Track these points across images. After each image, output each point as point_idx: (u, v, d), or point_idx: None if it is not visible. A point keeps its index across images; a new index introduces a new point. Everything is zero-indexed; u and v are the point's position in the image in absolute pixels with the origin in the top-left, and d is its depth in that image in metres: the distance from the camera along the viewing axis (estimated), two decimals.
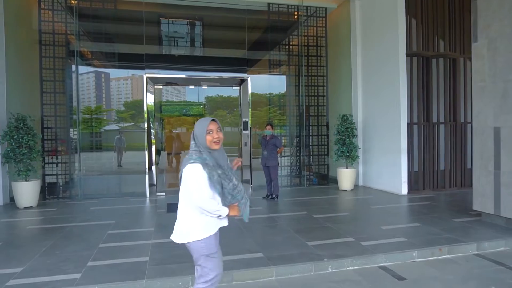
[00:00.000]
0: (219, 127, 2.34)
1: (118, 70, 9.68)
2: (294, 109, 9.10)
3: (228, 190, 2.29)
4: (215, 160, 2.28)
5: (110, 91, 10.19)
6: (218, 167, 2.26)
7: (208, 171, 2.20)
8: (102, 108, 11.29)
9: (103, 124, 10.06)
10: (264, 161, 7.19)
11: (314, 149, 9.20)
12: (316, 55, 9.08)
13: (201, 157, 2.23)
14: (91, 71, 9.34)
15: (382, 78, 7.83)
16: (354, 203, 6.79)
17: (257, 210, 6.18)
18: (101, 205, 6.81)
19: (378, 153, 8.11)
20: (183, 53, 9.31)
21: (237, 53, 9.33)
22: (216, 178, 2.22)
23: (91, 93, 9.79)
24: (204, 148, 2.27)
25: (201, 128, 2.29)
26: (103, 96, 10.41)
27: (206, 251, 2.29)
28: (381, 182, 8.00)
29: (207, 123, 2.30)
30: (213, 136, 2.28)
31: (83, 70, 8.73)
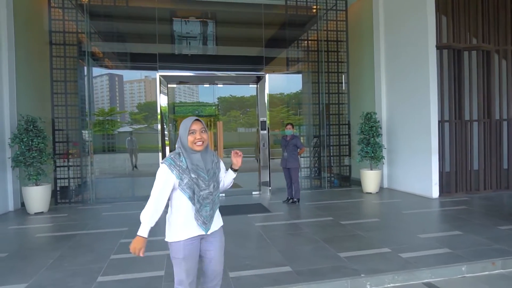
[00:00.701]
0: (203, 127, 2.21)
1: (130, 71, 9.38)
2: (313, 107, 8.64)
3: (198, 197, 2.16)
4: (194, 164, 2.17)
5: (123, 93, 9.92)
6: (193, 172, 2.15)
7: (178, 174, 2.13)
8: (115, 109, 11.06)
9: (117, 126, 9.80)
10: (284, 162, 6.77)
11: (334, 150, 8.73)
12: (336, 50, 8.62)
13: (173, 158, 2.16)
14: (104, 71, 9.06)
15: (409, 73, 7.31)
16: (382, 207, 6.31)
17: (278, 216, 5.76)
18: (113, 210, 6.50)
19: (405, 153, 7.59)
20: (197, 51, 8.97)
21: (253, 50, 8.95)
22: (186, 182, 2.13)
23: (104, 94, 9.54)
24: (186, 149, 2.18)
25: (184, 128, 2.19)
26: (116, 98, 10.17)
27: (173, 253, 2.23)
28: (409, 184, 7.48)
29: (190, 122, 2.18)
30: (195, 136, 2.16)
31: (95, 70, 8.45)
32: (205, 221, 2.19)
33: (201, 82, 8.19)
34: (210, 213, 2.22)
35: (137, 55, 8.65)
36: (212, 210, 2.24)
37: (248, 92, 8.88)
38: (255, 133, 8.65)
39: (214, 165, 2.28)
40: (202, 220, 2.18)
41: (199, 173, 2.17)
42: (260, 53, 8.43)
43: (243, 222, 5.38)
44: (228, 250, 4.08)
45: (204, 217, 2.18)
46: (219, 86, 8.15)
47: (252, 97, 8.83)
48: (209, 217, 2.21)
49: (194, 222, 2.18)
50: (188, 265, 2.21)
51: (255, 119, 9.01)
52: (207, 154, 2.26)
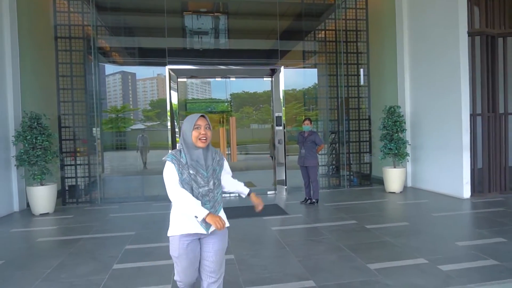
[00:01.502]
0: (207, 124, 2.19)
1: (139, 66, 9.01)
2: (331, 101, 8.13)
3: (197, 194, 2.14)
4: (194, 160, 2.16)
5: (135, 89, 9.63)
6: (192, 168, 2.14)
7: (178, 169, 2.12)
8: (128, 107, 10.79)
9: (128, 124, 9.54)
10: (301, 160, 6.32)
11: (354, 146, 8.22)
12: (355, 40, 8.08)
13: (174, 154, 2.16)
14: (112, 66, 8.74)
15: (437, 62, 6.75)
16: (409, 209, 5.80)
17: (296, 219, 5.32)
18: (121, 211, 6.16)
19: (431, 150, 7.04)
20: (209, 45, 8.55)
21: (267, 43, 8.51)
22: (185, 178, 2.12)
23: (111, 90, 9.23)
24: (188, 145, 2.17)
25: (189, 123, 2.17)
26: (129, 94, 9.91)
27: (171, 251, 2.22)
28: (436, 183, 6.93)
29: (196, 118, 2.17)
30: (199, 132, 2.15)
31: (103, 64, 8.12)
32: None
33: (213, 76, 7.77)
34: (211, 211, 2.13)
35: (146, 48, 8.29)
36: (214, 208, 2.18)
37: (261, 87, 8.43)
38: (269, 130, 8.21)
39: (215, 162, 2.25)
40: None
41: (198, 169, 2.15)
42: (274, 46, 7.97)
43: (258, 226, 4.96)
44: (243, 258, 3.68)
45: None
46: (232, 79, 7.72)
47: (265, 93, 8.39)
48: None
49: (193, 219, 2.12)
50: (184, 264, 2.18)
51: (268, 115, 8.57)
52: (208, 151, 2.23)
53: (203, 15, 8.31)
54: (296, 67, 8.63)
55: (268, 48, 8.48)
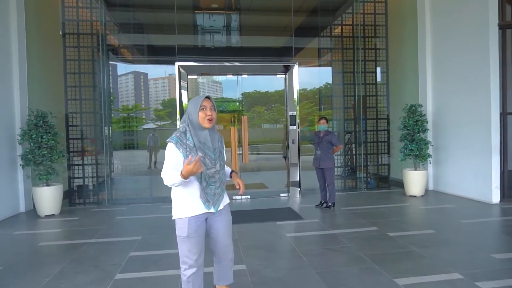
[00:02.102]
0: (213, 105, 2.22)
1: (150, 65, 8.76)
2: (347, 100, 7.75)
3: (205, 175, 2.17)
4: (201, 142, 2.17)
5: (148, 89, 9.46)
6: (200, 150, 2.15)
7: (185, 152, 2.11)
8: (139, 106, 10.64)
9: (138, 123, 9.38)
10: (317, 162, 5.97)
11: (371, 147, 7.82)
12: (374, 35, 7.69)
13: (179, 136, 2.15)
14: (122, 63, 8.53)
15: (463, 57, 6.32)
16: (433, 214, 5.39)
17: (312, 224, 4.98)
18: (129, 213, 5.93)
19: (456, 151, 6.61)
20: (220, 41, 8.27)
21: (281, 40, 8.20)
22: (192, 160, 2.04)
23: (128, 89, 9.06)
24: (195, 126, 2.17)
25: (195, 104, 2.18)
26: (141, 94, 9.76)
27: (177, 231, 2.22)
28: (460, 186, 6.50)
29: (201, 99, 2.18)
30: (206, 113, 2.17)
31: (113, 62, 7.90)
32: (209, 199, 2.19)
33: (225, 73, 7.47)
34: (217, 191, 2.24)
35: (156, 45, 8.06)
36: (220, 188, 2.26)
37: (273, 86, 8.13)
38: (281, 129, 7.89)
39: (220, 144, 2.30)
40: (205, 198, 2.18)
41: (206, 151, 2.16)
42: (288, 42, 7.64)
43: (271, 232, 4.65)
44: (255, 269, 3.36)
45: (208, 195, 2.19)
46: (244, 77, 7.40)
47: (276, 92, 8.10)
48: (213, 196, 2.21)
49: (199, 200, 2.18)
50: (192, 243, 2.19)
51: (280, 114, 8.26)
52: (214, 133, 2.25)
53: (214, 11, 8.04)
54: (310, 65, 8.29)
55: (281, 45, 8.16)
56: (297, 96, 7.07)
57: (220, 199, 2.27)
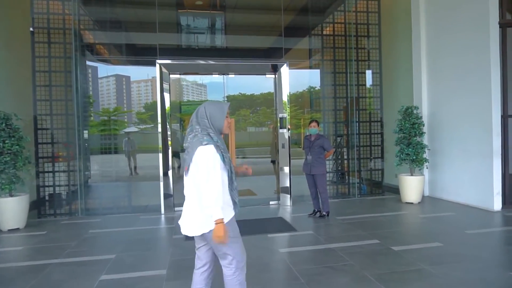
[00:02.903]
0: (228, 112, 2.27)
1: (130, 66, 8.16)
2: (339, 102, 7.37)
3: (232, 174, 2.20)
4: (224, 145, 2.19)
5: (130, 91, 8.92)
6: (226, 152, 2.16)
7: (221, 154, 2.10)
8: (119, 109, 10.11)
9: (116, 126, 8.83)
10: (308, 168, 5.55)
11: (364, 151, 7.46)
12: (367, 35, 7.36)
13: (212, 139, 2.10)
14: (99, 63, 7.93)
15: (461, 57, 6.03)
16: (435, 224, 5.03)
17: (307, 237, 4.54)
18: (103, 226, 5.36)
19: (453, 156, 6.30)
20: (205, 41, 7.78)
21: (269, 40, 7.78)
22: (227, 161, 2.12)
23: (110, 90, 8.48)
24: (217, 131, 2.16)
25: (221, 111, 2.19)
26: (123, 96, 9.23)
27: (232, 233, 2.16)
28: (459, 193, 6.20)
29: (227, 106, 2.24)
30: (228, 120, 2.23)
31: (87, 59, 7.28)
32: (236, 200, 2.23)
33: (210, 72, 6.97)
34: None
35: (135, 43, 7.52)
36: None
37: (261, 88, 7.70)
38: (269, 133, 7.46)
39: None
40: (233, 200, 2.21)
41: (227, 154, 2.18)
42: (277, 43, 7.20)
43: (263, 247, 4.18)
44: None
45: (235, 196, 2.22)
46: (231, 77, 6.93)
47: (262, 95, 7.69)
48: (237, 197, 2.25)
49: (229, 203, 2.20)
50: (241, 240, 2.26)
51: (266, 117, 7.85)
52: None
53: (199, 10, 7.56)
54: (299, 67, 7.90)
55: (270, 45, 7.74)
56: (288, 97, 6.65)
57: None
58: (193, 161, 2.05)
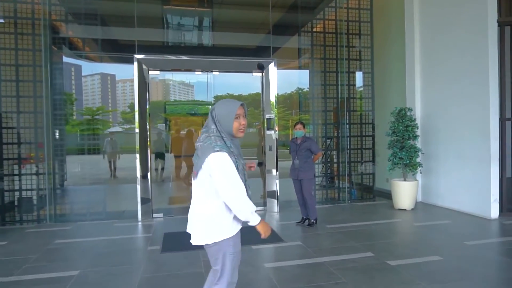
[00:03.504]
0: (245, 112, 2.02)
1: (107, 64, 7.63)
2: (329, 102, 7.02)
3: (245, 183, 1.95)
4: (238, 150, 2.00)
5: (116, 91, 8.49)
6: (240, 157, 1.97)
7: (235, 160, 1.91)
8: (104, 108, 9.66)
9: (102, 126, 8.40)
10: (295, 173, 5.18)
11: (355, 154, 7.13)
12: (358, 33, 7.04)
13: (225, 144, 1.91)
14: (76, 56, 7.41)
15: (457, 57, 5.76)
16: (432, 234, 4.70)
17: (295, 249, 4.15)
18: (72, 235, 4.88)
19: (448, 160, 6.02)
20: (190, 39, 7.31)
21: (258, 37, 7.37)
22: (241, 168, 1.94)
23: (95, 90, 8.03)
24: (227, 134, 1.95)
25: (229, 111, 1.93)
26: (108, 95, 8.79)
27: (233, 248, 2.00)
28: (453, 199, 5.92)
29: (237, 107, 1.95)
30: (240, 122, 1.97)
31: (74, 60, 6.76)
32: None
33: (193, 69, 6.51)
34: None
35: (113, 35, 7.02)
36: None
37: (245, 89, 7.32)
38: (255, 134, 7.08)
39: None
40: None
41: (241, 160, 1.99)
42: (265, 41, 6.80)
43: (246, 261, 3.76)
44: None
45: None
46: (215, 74, 6.50)
47: (250, 96, 7.30)
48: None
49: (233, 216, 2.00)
50: (239, 257, 2.08)
51: (253, 118, 7.46)
52: (237, 140, 2.06)
53: (183, 5, 7.11)
54: (287, 67, 7.52)
55: (258, 44, 7.33)
56: (276, 98, 6.27)
57: None
58: (203, 168, 1.90)
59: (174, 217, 5.90)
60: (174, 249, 4.14)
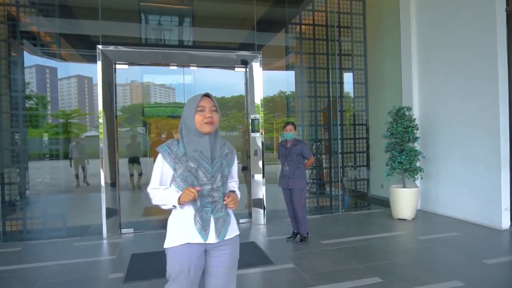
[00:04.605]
0: (214, 105, 1.78)
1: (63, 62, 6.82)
2: (319, 101, 6.41)
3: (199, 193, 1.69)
4: (197, 150, 1.73)
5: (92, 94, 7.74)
6: (193, 160, 1.72)
7: (172, 163, 1.72)
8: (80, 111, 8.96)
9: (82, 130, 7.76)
10: (285, 181, 4.52)
11: (347, 158, 6.54)
12: (350, 26, 6.46)
13: (170, 144, 1.77)
14: (41, 53, 6.54)
15: (461, 51, 5.23)
16: (443, 250, 4.08)
17: (287, 274, 3.46)
18: (19, 259, 4.05)
19: (451, 164, 5.48)
20: (169, 36, 6.55)
21: (241, 32, 6.70)
22: (180, 173, 1.71)
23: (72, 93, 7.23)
24: (191, 132, 1.74)
25: (191, 105, 1.76)
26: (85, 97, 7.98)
27: (168, 266, 1.75)
28: (457, 207, 5.37)
29: (198, 98, 1.76)
30: (204, 115, 1.73)
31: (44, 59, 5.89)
32: (205, 226, 1.72)
33: (168, 63, 5.74)
34: (218, 216, 1.77)
35: (77, 29, 6.22)
36: (223, 211, 1.79)
37: (228, 92, 6.71)
38: (239, 137, 6.42)
39: (223, 155, 1.82)
40: (201, 224, 1.72)
41: (201, 162, 1.73)
42: (250, 36, 6.13)
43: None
44: None
45: (204, 220, 1.73)
46: (193, 69, 5.77)
47: (233, 98, 6.67)
48: (209, 221, 1.74)
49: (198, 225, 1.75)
50: (184, 285, 1.73)
51: (237, 121, 6.81)
52: (216, 140, 1.81)
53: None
54: (273, 67, 6.90)
55: (242, 41, 6.66)
56: (261, 100, 5.59)
57: (224, 224, 1.78)
58: None
59: (146, 232, 5.13)
60: (140, 277, 3.40)
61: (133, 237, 4.97)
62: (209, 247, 1.77)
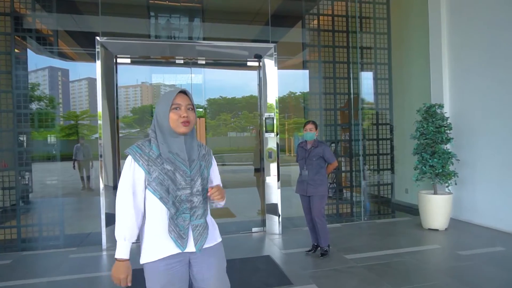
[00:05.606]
0: (190, 103, 1.61)
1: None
2: (340, 98, 5.87)
3: (174, 198, 1.54)
4: (173, 152, 1.57)
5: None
6: (169, 162, 1.54)
7: (146, 166, 1.53)
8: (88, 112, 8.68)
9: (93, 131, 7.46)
10: (303, 186, 4.00)
11: (370, 160, 5.98)
12: (373, 16, 5.91)
13: (141, 145, 1.57)
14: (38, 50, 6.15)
15: (495, 43, 4.63)
16: (493, 270, 3.49)
17: None
18: (8, 273, 3.63)
19: (488, 168, 4.89)
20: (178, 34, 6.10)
21: (254, 28, 6.23)
22: (156, 176, 1.53)
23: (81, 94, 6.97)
24: (165, 131, 1.57)
25: (164, 102, 1.57)
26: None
27: (148, 282, 1.58)
28: (496, 216, 4.77)
29: (173, 95, 1.57)
30: (179, 114, 1.56)
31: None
32: (182, 234, 1.54)
33: (174, 56, 5.27)
34: (197, 223, 1.59)
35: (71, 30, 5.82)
36: (203, 218, 1.62)
37: (240, 92, 6.29)
38: (251, 138, 5.92)
39: (201, 157, 1.66)
40: (177, 232, 1.54)
41: (178, 165, 1.56)
42: (263, 34, 5.65)
43: None
44: None
45: (181, 227, 1.54)
46: (202, 68, 5.30)
47: (244, 99, 6.23)
48: (187, 229, 1.56)
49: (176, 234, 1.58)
50: None
51: (248, 122, 6.35)
52: (192, 140, 1.64)
53: None
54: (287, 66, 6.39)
55: (254, 37, 6.18)
56: (276, 93, 5.08)
57: (203, 233, 1.59)
58: None
59: None
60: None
61: (135, 248, 4.51)
62: (191, 256, 1.61)
